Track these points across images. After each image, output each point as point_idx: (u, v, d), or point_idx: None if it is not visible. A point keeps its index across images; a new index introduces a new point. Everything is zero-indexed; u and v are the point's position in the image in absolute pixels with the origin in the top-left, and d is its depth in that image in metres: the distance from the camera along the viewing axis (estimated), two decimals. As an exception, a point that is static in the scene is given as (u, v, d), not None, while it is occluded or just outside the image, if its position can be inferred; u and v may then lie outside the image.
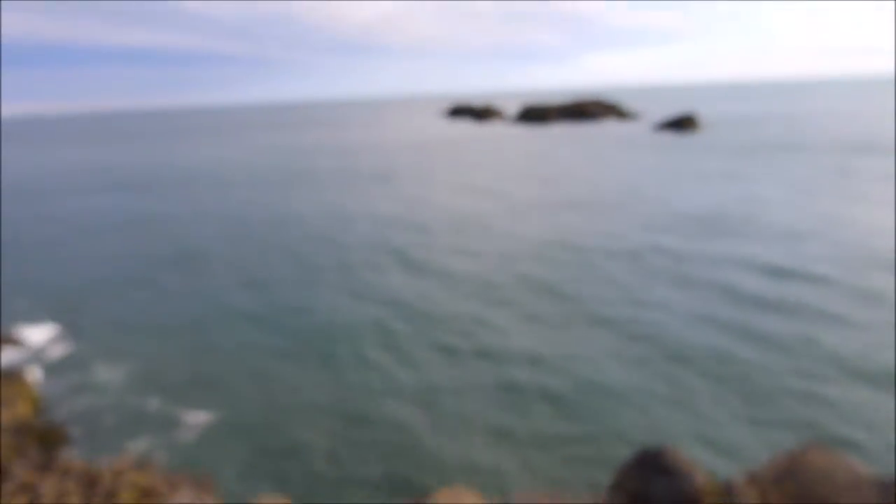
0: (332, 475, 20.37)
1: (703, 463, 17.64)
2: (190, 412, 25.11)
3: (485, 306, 35.64)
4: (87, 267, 48.28)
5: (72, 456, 20.25)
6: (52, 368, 30.18)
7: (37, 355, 31.84)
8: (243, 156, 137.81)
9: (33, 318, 36.94)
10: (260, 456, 21.73)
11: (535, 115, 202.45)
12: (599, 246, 46.56)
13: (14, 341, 33.41)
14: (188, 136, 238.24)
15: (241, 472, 20.65)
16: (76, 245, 56.04)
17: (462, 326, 32.80)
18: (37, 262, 50.64)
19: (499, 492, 17.93)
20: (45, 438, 21.58)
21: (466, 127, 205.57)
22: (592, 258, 43.65)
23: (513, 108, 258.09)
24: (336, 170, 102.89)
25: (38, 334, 34.58)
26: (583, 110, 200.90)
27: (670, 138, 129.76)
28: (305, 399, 25.85)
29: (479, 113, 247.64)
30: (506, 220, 57.42)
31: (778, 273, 38.41)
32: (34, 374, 29.34)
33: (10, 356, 31.66)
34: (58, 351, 32.40)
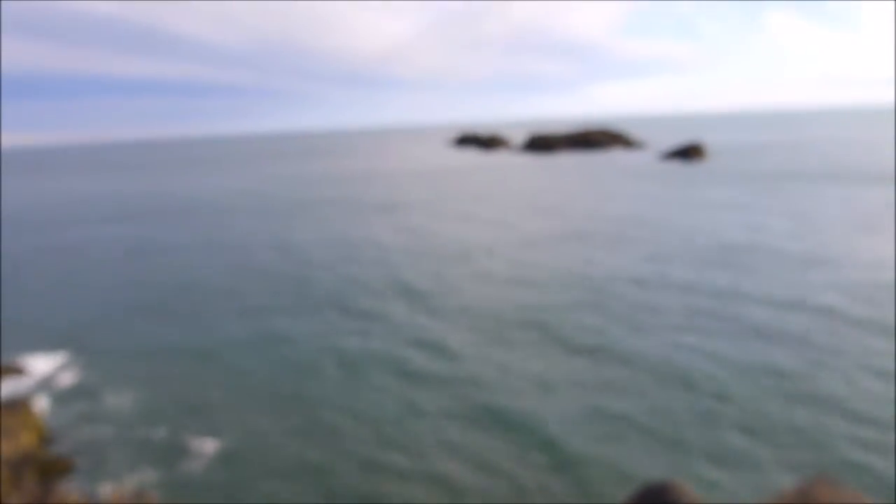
0: (334, 508, 20.21)
1: (708, 497, 17.42)
2: (196, 440, 25.02)
3: (484, 337, 35.50)
4: (93, 296, 48.45)
5: (74, 487, 20.16)
6: (59, 397, 30.17)
7: (43, 384, 31.85)
8: (248, 185, 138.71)
9: (39, 347, 37.01)
10: (263, 487, 21.57)
11: (541, 144, 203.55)
12: (603, 277, 46.32)
13: (20, 370, 33.44)
14: (193, 166, 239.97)
15: (244, 501, 20.49)
16: (81, 274, 56.29)
17: (464, 356, 32.67)
18: (42, 291, 50.87)
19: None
20: (46, 469, 21.49)
21: (473, 156, 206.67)
22: (596, 290, 43.42)
23: (519, 137, 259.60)
24: (341, 199, 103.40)
25: (44, 363, 34.62)
26: (589, 139, 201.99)
27: (677, 167, 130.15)
28: (312, 427, 25.72)
29: (485, 142, 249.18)
30: (511, 251, 57.28)
31: (781, 304, 38.02)
32: (40, 404, 29.32)
33: (16, 385, 31.67)
34: (64, 379, 32.41)
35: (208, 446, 24.63)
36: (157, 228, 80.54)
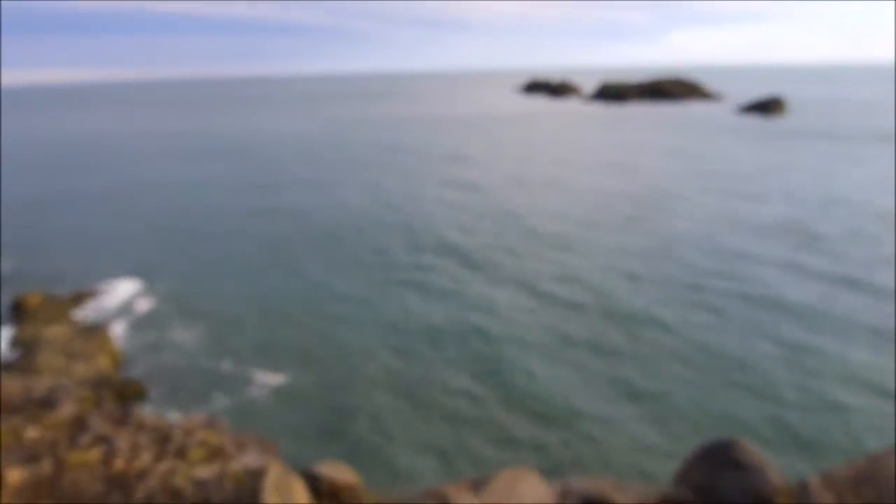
0: (396, 446, 20.61)
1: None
2: (261, 374, 25.82)
3: (534, 303, 35.13)
4: (164, 230, 50.06)
5: (146, 411, 21.11)
6: (133, 324, 31.50)
7: (118, 311, 33.26)
8: (309, 129, 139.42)
9: (114, 274, 38.49)
10: (325, 422, 22.18)
11: (612, 93, 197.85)
12: (651, 247, 44.17)
13: (97, 296, 34.97)
14: (257, 106, 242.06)
15: (305, 436, 21.12)
16: (154, 210, 58.09)
17: (508, 316, 32.59)
18: (116, 223, 52.74)
19: (560, 473, 17.78)
20: (121, 393, 22.54)
21: (541, 103, 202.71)
22: (644, 261, 41.73)
23: (590, 85, 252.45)
24: (401, 146, 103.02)
25: (119, 290, 36.09)
26: (663, 90, 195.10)
27: (753, 122, 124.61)
28: (375, 370, 26.18)
29: (554, 89, 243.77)
30: (566, 210, 54.83)
31: (843, 282, 35.49)
32: (116, 329, 30.67)
33: (93, 311, 33.16)
34: (139, 307, 33.79)
35: (272, 379, 25.39)
36: (222, 169, 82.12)
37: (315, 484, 10.41)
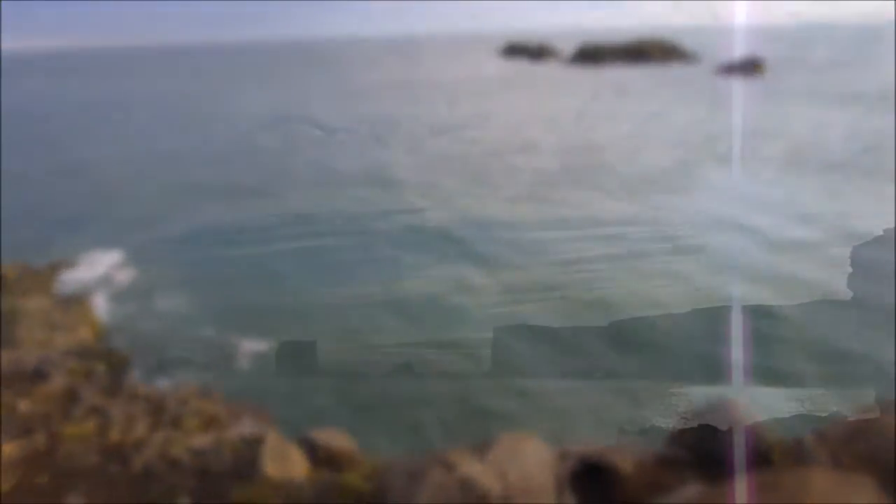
0: (388, 413, 20.63)
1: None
2: (248, 341, 25.58)
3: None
4: (146, 199, 49.27)
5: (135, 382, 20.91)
6: (114, 294, 31.00)
7: (100, 281, 32.70)
8: (297, 100, 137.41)
9: (95, 244, 37.78)
10: (317, 387, 22.13)
11: (591, 55, 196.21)
12: (641, 217, 43.11)
13: (78, 266, 34.39)
14: (243, 75, 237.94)
15: (296, 404, 21.05)
16: (136, 179, 57.12)
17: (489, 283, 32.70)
18: (98, 192, 51.81)
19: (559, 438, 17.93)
20: (110, 363, 22.27)
21: (519, 67, 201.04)
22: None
23: (570, 47, 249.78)
24: (374, 118, 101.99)
25: (101, 260, 35.48)
26: (643, 51, 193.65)
27: (731, 84, 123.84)
28: (363, 333, 26.14)
29: (533, 52, 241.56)
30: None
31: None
32: (97, 300, 30.21)
33: (72, 280, 32.61)
34: (119, 277, 33.24)
35: (259, 346, 25.23)
36: (202, 140, 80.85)
37: (312, 451, 10.34)
